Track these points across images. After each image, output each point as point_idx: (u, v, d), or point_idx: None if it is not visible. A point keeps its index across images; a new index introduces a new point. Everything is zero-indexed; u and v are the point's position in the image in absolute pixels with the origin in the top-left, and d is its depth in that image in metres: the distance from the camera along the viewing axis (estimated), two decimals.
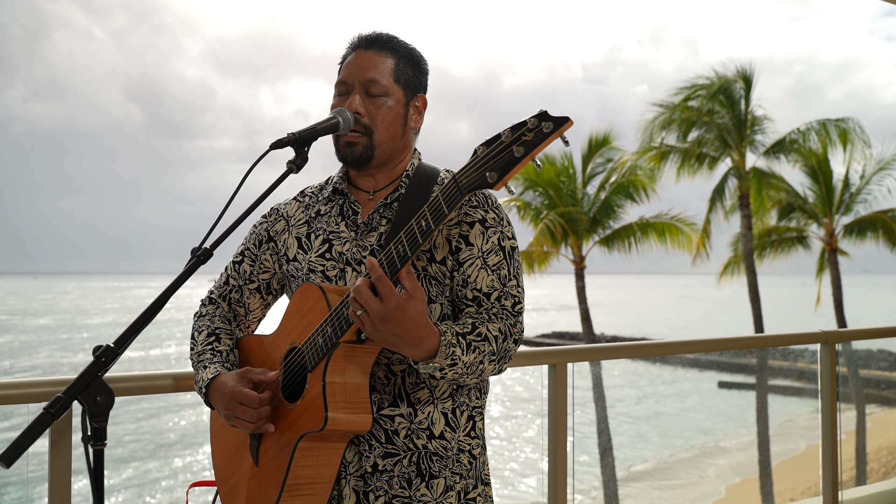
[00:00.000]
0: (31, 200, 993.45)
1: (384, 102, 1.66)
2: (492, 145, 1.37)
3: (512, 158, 1.33)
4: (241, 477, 1.71)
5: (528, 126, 1.33)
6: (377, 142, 1.67)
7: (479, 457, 1.70)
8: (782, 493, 12.31)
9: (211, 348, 1.75)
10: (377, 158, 1.69)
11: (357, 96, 1.66)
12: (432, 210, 1.41)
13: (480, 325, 1.55)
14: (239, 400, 1.57)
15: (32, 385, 1.94)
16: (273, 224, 1.82)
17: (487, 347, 1.54)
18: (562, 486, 2.78)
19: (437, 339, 1.47)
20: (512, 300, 1.64)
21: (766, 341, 5.76)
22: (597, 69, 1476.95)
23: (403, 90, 1.70)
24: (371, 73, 1.66)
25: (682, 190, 18.50)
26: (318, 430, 1.50)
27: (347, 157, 1.68)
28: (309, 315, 1.59)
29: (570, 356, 2.85)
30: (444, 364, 1.48)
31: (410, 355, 1.47)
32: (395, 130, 1.69)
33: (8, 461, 1.18)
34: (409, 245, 1.43)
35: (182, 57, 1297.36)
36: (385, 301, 1.39)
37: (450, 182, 1.40)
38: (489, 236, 1.65)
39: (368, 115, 1.66)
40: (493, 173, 1.35)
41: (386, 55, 1.69)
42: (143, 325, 1.35)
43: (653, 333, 49.78)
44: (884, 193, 18.04)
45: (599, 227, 16.54)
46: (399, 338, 1.42)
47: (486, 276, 1.64)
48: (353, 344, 1.54)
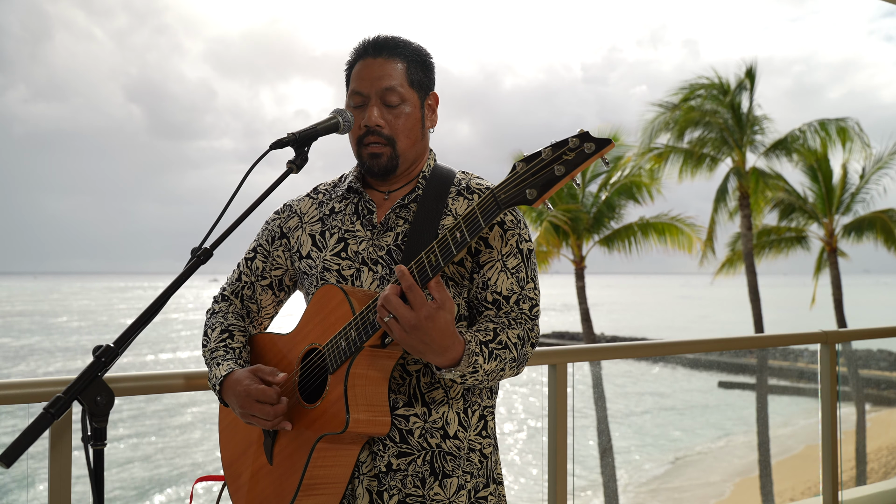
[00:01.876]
0: (31, 200, 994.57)
1: (402, 111, 1.67)
2: (532, 162, 1.37)
3: (552, 177, 1.34)
4: (254, 474, 1.71)
5: (569, 145, 1.33)
6: (400, 150, 1.68)
7: (491, 456, 1.71)
8: (782, 493, 12.31)
9: (224, 345, 1.75)
10: (402, 167, 1.70)
11: (375, 109, 1.66)
12: (468, 222, 1.42)
13: (501, 332, 1.57)
14: (256, 397, 1.57)
15: (32, 385, 1.94)
16: (286, 221, 1.82)
17: (508, 355, 1.56)
18: (562, 485, 2.78)
19: (462, 347, 1.48)
20: (530, 303, 1.66)
21: (766, 341, 5.76)
22: (596, 69, 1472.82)
23: (417, 92, 1.71)
24: (385, 82, 1.66)
25: (683, 190, 18.49)
26: (339, 431, 1.51)
27: (374, 169, 1.69)
28: (330, 317, 1.59)
29: (570, 356, 2.85)
30: (466, 371, 1.50)
31: (434, 362, 1.48)
32: (416, 135, 1.71)
33: (8, 461, 1.18)
34: (442, 255, 1.44)
35: (183, 57, 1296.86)
36: (416, 310, 1.40)
37: (488, 196, 1.40)
38: (508, 239, 1.67)
39: (389, 126, 1.67)
40: (532, 190, 1.35)
41: (396, 60, 1.69)
42: (143, 325, 1.36)
43: (653, 333, 49.78)
44: (882, 193, 18.05)
45: (602, 227, 16.53)
46: (426, 345, 1.43)
47: (505, 279, 1.65)
48: (376, 348, 1.55)
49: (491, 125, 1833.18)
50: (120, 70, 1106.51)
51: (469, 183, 1.74)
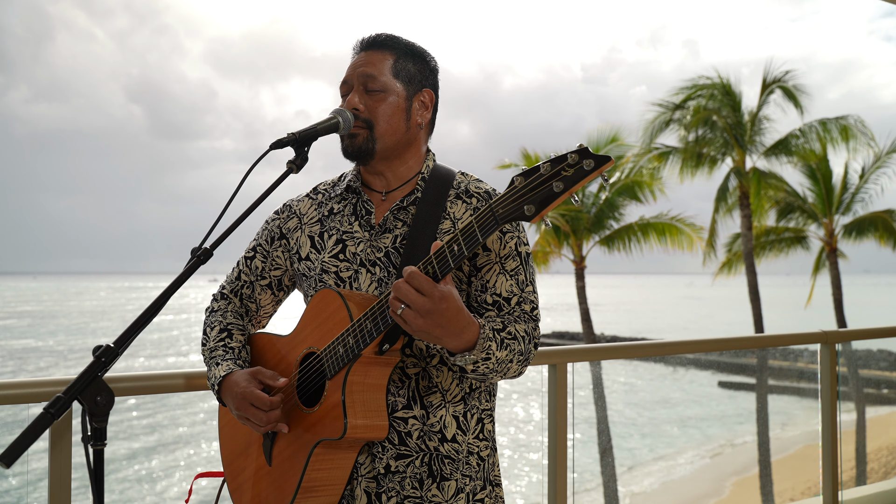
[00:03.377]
0: (33, 201, 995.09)
1: (383, 98, 1.67)
2: (530, 177, 1.35)
3: (551, 193, 1.32)
4: (252, 474, 1.72)
5: (568, 161, 1.31)
6: (378, 134, 1.67)
7: (488, 458, 1.71)
8: (782, 493, 12.31)
9: (223, 344, 1.75)
10: (380, 152, 1.69)
11: (356, 94, 1.68)
12: (465, 236, 1.40)
13: (510, 324, 1.57)
14: (250, 401, 1.57)
15: (32, 385, 1.94)
16: (286, 221, 1.82)
17: (517, 346, 1.56)
18: (562, 485, 2.78)
19: (477, 329, 1.47)
20: (530, 305, 1.66)
21: (766, 341, 5.77)
22: (596, 70, 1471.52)
23: (405, 85, 1.70)
24: (368, 70, 1.68)
25: (683, 190, 18.45)
26: (337, 438, 1.51)
27: (349, 149, 1.68)
28: (328, 322, 1.59)
29: (570, 356, 2.85)
30: (479, 357, 1.49)
31: (451, 346, 1.46)
32: (397, 124, 1.69)
33: (8, 461, 1.18)
34: (439, 268, 1.43)
35: (183, 58, 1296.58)
36: (428, 294, 1.39)
37: (486, 210, 1.39)
38: (506, 241, 1.66)
39: (368, 110, 1.67)
40: (530, 206, 1.33)
41: (384, 53, 1.70)
42: (143, 325, 1.36)
43: (653, 333, 49.78)
44: (880, 192, 18.03)
45: (602, 227, 16.52)
46: (443, 328, 1.41)
47: (504, 282, 1.65)
48: (374, 355, 1.55)
49: (491, 125, 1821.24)
50: (121, 70, 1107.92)
51: (468, 186, 1.73)
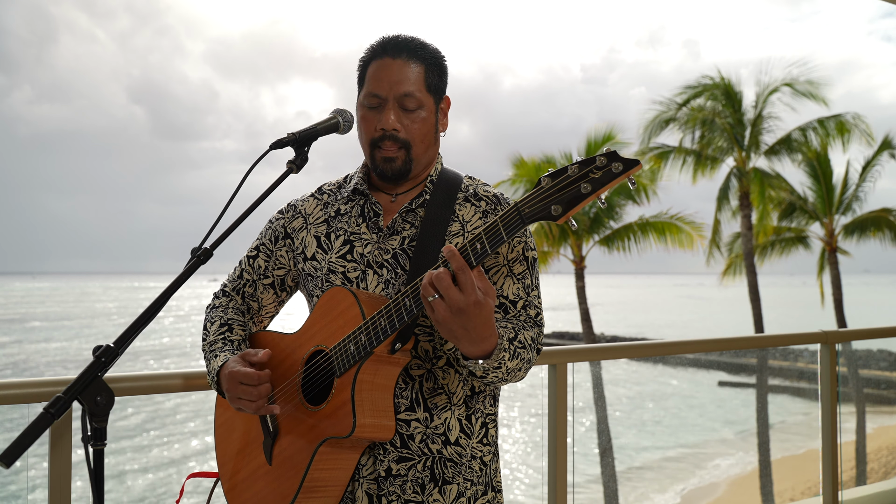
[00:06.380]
0: (34, 200, 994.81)
1: (419, 115, 1.65)
2: (558, 178, 1.34)
3: (578, 194, 1.32)
4: (251, 473, 1.71)
5: (596, 164, 1.31)
6: (415, 155, 1.67)
7: (491, 464, 1.70)
8: (782, 493, 12.30)
9: (223, 338, 1.74)
10: (414, 171, 1.69)
11: (392, 113, 1.63)
12: (489, 235, 1.39)
13: (520, 331, 1.57)
14: (239, 380, 1.56)
15: (32, 385, 1.95)
16: (290, 221, 1.81)
17: (526, 355, 1.57)
18: (562, 485, 2.78)
19: (496, 342, 1.47)
20: (535, 310, 1.67)
21: (766, 341, 5.76)
22: (596, 70, 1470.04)
23: (434, 96, 1.69)
24: (405, 87, 1.63)
25: (682, 190, 18.50)
26: (344, 436, 1.50)
27: (387, 173, 1.67)
28: (339, 320, 1.58)
29: (570, 356, 2.85)
30: (491, 367, 1.49)
31: (466, 351, 1.46)
32: (430, 140, 1.70)
33: (8, 461, 1.18)
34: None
35: (185, 59, 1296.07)
36: (466, 294, 1.37)
37: (512, 210, 1.38)
38: (514, 245, 1.67)
39: (406, 131, 1.65)
40: (557, 207, 1.33)
41: (417, 64, 1.66)
42: (143, 325, 1.36)
43: (653, 333, 49.77)
44: (878, 191, 18.04)
45: (601, 227, 16.52)
46: (465, 332, 1.41)
47: (511, 285, 1.65)
48: (385, 354, 1.54)
49: (491, 126, 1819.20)
50: (122, 71, 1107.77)
51: (476, 189, 1.73)
